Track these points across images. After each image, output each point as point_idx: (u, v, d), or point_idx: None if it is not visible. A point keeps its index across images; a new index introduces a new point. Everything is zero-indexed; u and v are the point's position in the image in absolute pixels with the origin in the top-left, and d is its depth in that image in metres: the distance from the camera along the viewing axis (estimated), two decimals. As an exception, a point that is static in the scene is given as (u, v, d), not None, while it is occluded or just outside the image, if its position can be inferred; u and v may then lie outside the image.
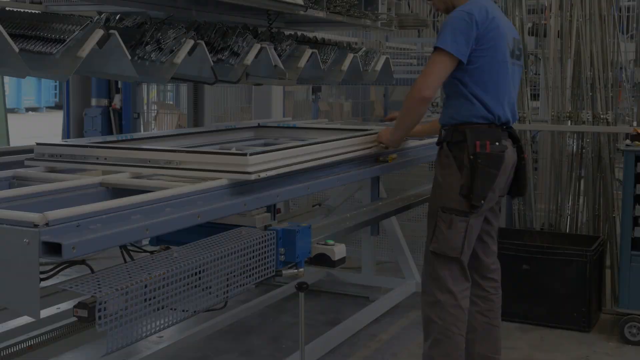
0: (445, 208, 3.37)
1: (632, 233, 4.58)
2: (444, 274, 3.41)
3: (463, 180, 3.32)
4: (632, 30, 5.47)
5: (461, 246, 3.37)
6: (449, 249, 3.38)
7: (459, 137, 3.38)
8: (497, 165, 3.36)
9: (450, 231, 3.36)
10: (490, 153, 3.33)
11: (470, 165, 3.32)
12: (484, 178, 3.31)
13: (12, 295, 1.90)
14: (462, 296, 3.43)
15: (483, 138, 3.34)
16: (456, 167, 3.37)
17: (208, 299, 2.32)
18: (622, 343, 4.59)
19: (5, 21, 2.59)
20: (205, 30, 3.53)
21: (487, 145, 3.33)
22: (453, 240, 3.37)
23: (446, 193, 3.40)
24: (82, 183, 2.63)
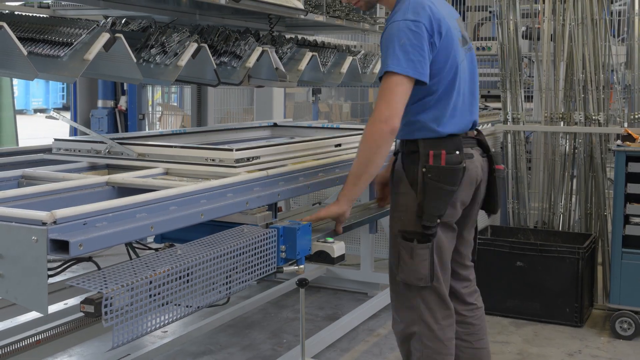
0: (404, 233, 2.88)
1: (623, 231, 4.58)
2: (417, 303, 2.92)
3: (418, 198, 2.83)
4: (623, 33, 5.47)
5: (429, 274, 2.86)
6: (416, 279, 2.87)
7: (412, 147, 2.88)
8: (453, 180, 2.83)
9: (412, 261, 2.86)
10: (443, 167, 2.82)
11: (422, 181, 2.82)
12: (437, 195, 2.82)
13: (21, 292, 1.90)
14: (440, 326, 2.94)
15: (438, 148, 2.83)
16: (409, 185, 2.87)
17: (211, 295, 2.32)
18: (613, 338, 4.59)
19: (14, 25, 2.59)
20: (208, 34, 3.53)
21: (442, 156, 2.82)
22: (419, 270, 2.86)
23: (403, 215, 2.90)
24: (89, 182, 2.63)
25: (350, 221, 3.55)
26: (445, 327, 2.96)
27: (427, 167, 2.82)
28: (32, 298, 1.90)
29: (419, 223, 2.84)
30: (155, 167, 2.99)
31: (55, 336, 3.26)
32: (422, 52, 2.75)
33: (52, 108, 23.98)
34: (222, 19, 4.08)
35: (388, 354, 4.30)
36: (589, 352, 4.37)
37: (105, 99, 7.85)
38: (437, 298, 2.93)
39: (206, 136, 4.08)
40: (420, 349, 2.94)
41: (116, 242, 2.09)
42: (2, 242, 1.91)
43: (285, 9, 3.62)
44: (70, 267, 2.67)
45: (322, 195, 5.55)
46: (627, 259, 4.59)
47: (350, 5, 4.24)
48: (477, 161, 2.96)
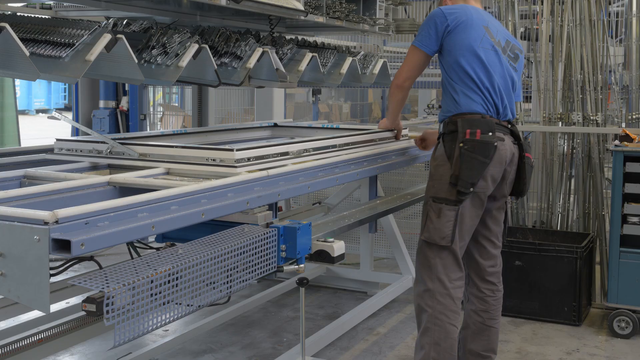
0: (435, 198, 3.31)
1: (620, 230, 4.58)
2: (435, 262, 3.33)
3: (453, 169, 3.26)
4: (620, 34, 5.47)
5: (451, 234, 3.28)
6: (439, 237, 3.29)
7: (452, 127, 3.34)
8: (485, 153, 3.26)
9: (439, 220, 3.28)
10: (478, 140, 3.26)
11: (459, 153, 3.25)
12: (471, 165, 3.23)
13: (23, 291, 1.90)
14: (453, 285, 3.34)
15: (474, 127, 3.28)
16: (446, 157, 3.31)
17: (212, 293, 2.33)
18: (611, 336, 4.59)
19: (16, 26, 2.59)
20: (209, 35, 3.53)
21: (477, 134, 3.26)
22: (442, 229, 3.28)
23: (437, 183, 3.33)
24: (91, 182, 2.63)
25: (350, 221, 3.56)
26: (457, 287, 3.36)
27: (464, 140, 3.26)
28: (34, 297, 1.90)
29: (451, 190, 3.26)
30: (157, 167, 2.99)
31: (57, 335, 3.26)
32: (437, 32, 3.42)
33: (54, 108, 24.00)
34: (223, 20, 4.08)
35: (387, 352, 4.31)
36: (587, 351, 4.37)
37: (107, 100, 7.85)
38: (453, 259, 3.34)
39: (207, 136, 4.08)
40: (433, 305, 3.32)
41: (117, 241, 2.09)
42: (4, 242, 1.91)
43: (286, 10, 3.62)
44: (72, 267, 2.67)
45: (322, 195, 5.55)
46: (625, 258, 4.59)
47: (350, 7, 4.25)
48: (507, 145, 3.38)
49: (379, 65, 4.66)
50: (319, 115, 8.45)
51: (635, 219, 4.56)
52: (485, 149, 3.26)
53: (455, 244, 3.31)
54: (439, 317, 3.31)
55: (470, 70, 3.37)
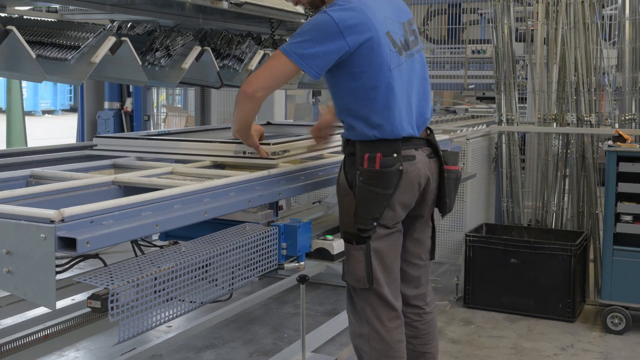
0: (345, 234, 2.83)
1: (614, 229, 4.59)
2: (362, 305, 2.86)
3: (355, 200, 2.76)
4: (614, 37, 5.47)
5: (366, 276, 2.77)
6: (355, 280, 2.81)
7: (352, 149, 2.79)
8: (386, 183, 2.71)
9: (350, 263, 2.81)
10: (375, 170, 2.71)
11: (357, 183, 2.75)
12: (368, 198, 2.73)
13: (30, 287, 1.90)
14: (386, 329, 2.85)
15: (374, 150, 2.72)
16: (348, 186, 2.79)
17: (214, 290, 2.32)
18: (605, 332, 4.60)
19: (23, 29, 2.59)
20: (211, 38, 3.54)
21: (377, 159, 2.71)
22: (356, 272, 2.79)
23: (344, 216, 2.84)
24: (96, 181, 2.63)
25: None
26: (392, 330, 2.87)
27: (361, 170, 2.74)
28: (40, 294, 1.90)
29: (354, 225, 2.78)
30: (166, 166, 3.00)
31: (63, 331, 3.26)
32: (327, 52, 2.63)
33: (60, 109, 24.01)
34: (225, 23, 4.08)
35: (386, 348, 4.30)
36: (581, 347, 4.37)
37: (112, 101, 7.85)
38: (380, 301, 2.84)
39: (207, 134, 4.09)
40: (368, 351, 2.89)
41: (122, 239, 2.08)
42: (11, 240, 1.91)
43: (286, 14, 3.62)
44: (77, 264, 2.67)
45: (322, 194, 5.55)
46: (618, 256, 4.59)
47: None
48: (420, 162, 2.81)
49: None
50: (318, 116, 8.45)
51: (628, 218, 4.57)
52: (385, 178, 2.72)
53: (377, 284, 2.80)
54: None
55: (372, 94, 2.72)
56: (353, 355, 4.17)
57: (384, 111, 2.73)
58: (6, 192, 2.30)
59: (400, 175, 2.73)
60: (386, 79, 2.71)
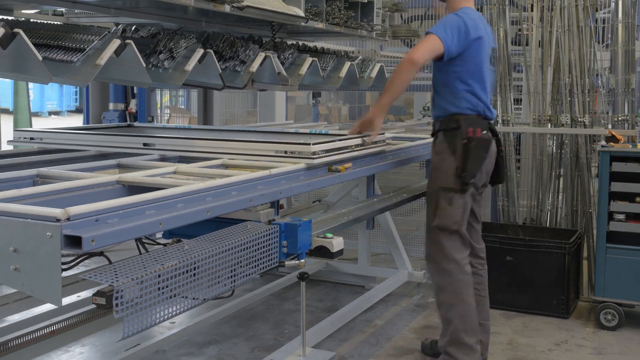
0: (444, 188, 3.54)
1: (607, 227, 4.58)
2: (448, 244, 3.57)
3: (457, 162, 3.50)
4: (607, 40, 5.47)
5: (461, 220, 3.56)
6: (452, 223, 3.55)
7: (453, 124, 3.56)
8: (486, 149, 3.59)
9: (451, 208, 3.54)
10: (480, 137, 3.53)
11: (463, 149, 3.50)
12: (474, 159, 3.51)
13: (36, 284, 1.90)
14: (465, 262, 3.61)
15: (475, 125, 3.53)
16: (450, 152, 3.54)
17: (216, 287, 2.33)
18: (598, 328, 4.59)
19: (30, 32, 2.59)
20: (214, 40, 3.53)
21: (478, 132, 3.53)
22: (455, 215, 3.55)
23: (444, 175, 3.55)
24: (101, 181, 2.63)
25: (349, 218, 3.56)
26: (467, 264, 3.64)
27: (470, 138, 3.50)
28: (46, 290, 1.90)
29: (457, 180, 3.50)
30: (170, 165, 3.00)
31: (69, 327, 3.26)
32: (459, 37, 3.49)
33: (66, 110, 24.00)
34: (227, 26, 4.08)
35: (384, 343, 4.31)
36: (575, 342, 4.37)
37: (116, 102, 7.85)
38: (462, 241, 3.60)
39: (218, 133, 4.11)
40: (452, 282, 3.57)
41: (126, 237, 2.09)
42: (18, 238, 1.92)
43: (287, 17, 3.62)
44: (82, 262, 2.67)
45: (322, 193, 5.55)
46: (611, 253, 4.59)
47: (348, 13, 4.25)
48: (494, 141, 3.67)
49: (376, 69, 4.66)
50: (318, 117, 8.45)
51: (621, 216, 4.56)
52: (485, 145, 3.59)
53: (463, 227, 3.60)
54: (460, 292, 3.57)
55: (471, 80, 3.59)
56: (353, 350, 4.19)
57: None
58: (13, 192, 2.31)
59: (490, 146, 3.62)
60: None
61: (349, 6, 4.34)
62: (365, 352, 4.15)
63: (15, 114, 10.20)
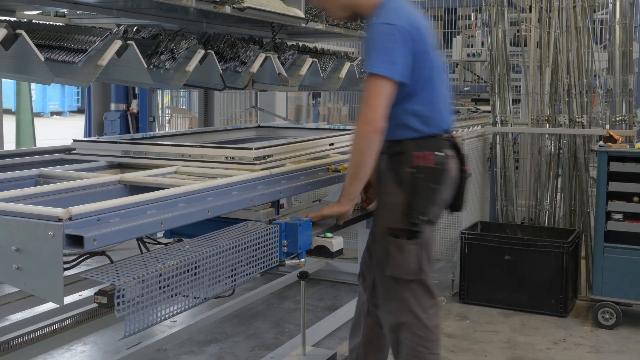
0: (392, 230, 2.84)
1: (605, 226, 4.58)
2: (406, 295, 2.89)
3: (404, 197, 2.80)
4: (605, 40, 5.47)
5: (417, 268, 2.85)
6: (406, 273, 2.86)
7: (397, 148, 2.84)
8: (439, 177, 2.82)
9: (402, 256, 2.84)
10: (432, 167, 2.80)
11: (410, 180, 2.80)
12: (424, 193, 2.79)
13: (38, 284, 1.90)
14: (427, 315, 2.91)
15: (422, 148, 2.80)
16: (395, 184, 2.84)
17: (217, 286, 2.32)
18: (596, 327, 4.59)
19: (32, 33, 2.59)
20: (215, 41, 3.53)
21: (430, 157, 2.80)
22: (408, 264, 2.84)
23: (390, 213, 2.86)
24: (102, 181, 2.63)
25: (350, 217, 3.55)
26: (432, 316, 2.93)
27: (417, 167, 2.79)
28: (48, 289, 1.90)
29: (406, 220, 2.80)
30: (167, 166, 3.00)
31: (71, 326, 3.26)
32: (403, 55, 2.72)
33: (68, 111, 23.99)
34: (228, 27, 4.08)
35: (384, 342, 4.30)
36: (573, 341, 4.37)
37: (118, 103, 7.85)
38: (424, 289, 2.91)
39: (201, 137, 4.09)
40: (410, 338, 2.91)
41: (128, 237, 2.09)
42: (20, 237, 1.92)
43: (287, 18, 3.62)
44: (84, 261, 2.67)
45: (322, 192, 5.55)
46: (609, 253, 4.59)
47: None
48: (453, 162, 2.91)
49: (375, 70, 4.65)
50: (318, 118, 8.45)
51: (619, 216, 4.56)
52: (440, 175, 2.83)
53: (424, 274, 2.89)
54: (418, 350, 2.91)
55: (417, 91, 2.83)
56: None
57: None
58: (16, 191, 2.31)
59: (446, 172, 2.85)
60: None
61: (349, 7, 4.33)
62: (365, 351, 4.15)
63: (18, 114, 10.19)
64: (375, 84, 2.72)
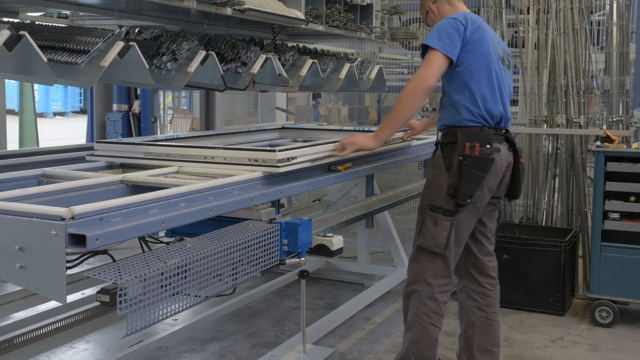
0: (432, 206, 3.20)
1: (602, 226, 4.59)
2: (427, 266, 3.25)
3: (450, 180, 3.16)
4: (602, 42, 5.47)
5: (445, 243, 3.19)
6: (434, 245, 3.20)
7: (451, 138, 3.21)
8: (483, 167, 3.15)
9: (435, 228, 3.19)
10: (477, 156, 3.14)
11: (458, 166, 3.14)
12: (469, 179, 3.13)
13: (41, 282, 1.90)
14: (439, 290, 3.25)
15: (473, 140, 3.15)
16: (445, 168, 3.19)
17: (218, 285, 2.33)
18: (593, 325, 4.60)
19: (35, 34, 2.59)
20: (216, 42, 3.53)
21: (477, 148, 3.14)
22: (438, 237, 3.19)
23: (435, 192, 3.21)
24: (104, 180, 2.63)
25: (348, 217, 3.56)
26: (443, 292, 3.27)
27: (464, 155, 3.14)
28: (51, 288, 1.90)
29: (448, 200, 3.16)
30: (171, 165, 2.99)
31: (73, 324, 3.26)
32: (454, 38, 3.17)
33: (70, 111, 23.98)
34: (229, 28, 4.08)
35: (383, 340, 4.30)
36: (571, 339, 4.37)
37: (120, 103, 7.85)
38: (444, 266, 3.25)
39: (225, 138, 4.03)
40: (418, 305, 3.26)
41: (130, 236, 2.08)
42: (23, 236, 1.91)
43: (288, 19, 3.62)
44: (87, 260, 2.67)
45: (321, 192, 5.55)
46: (606, 252, 4.59)
47: (347, 16, 4.24)
48: (503, 154, 3.28)
49: (375, 71, 4.66)
50: (319, 118, 8.44)
51: (616, 215, 4.56)
52: (483, 163, 3.16)
53: (448, 251, 3.23)
54: (422, 317, 3.25)
55: (475, 85, 3.22)
56: (352, 347, 4.18)
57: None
58: (19, 191, 2.31)
59: (492, 163, 3.19)
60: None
61: (349, 9, 4.34)
62: (365, 349, 4.15)
63: (21, 115, 10.20)
64: (430, 56, 3.17)
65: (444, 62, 3.17)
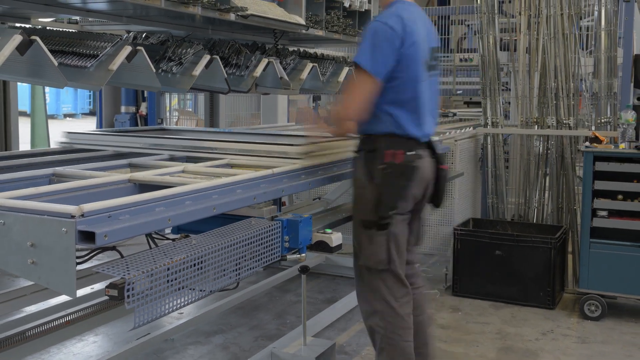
0: (363, 222, 2.94)
1: (590, 223, 4.59)
2: (378, 284, 2.96)
3: (375, 192, 2.87)
4: (590, 46, 5.47)
5: (387, 258, 2.91)
6: (376, 262, 2.93)
7: (371, 146, 2.92)
8: (409, 174, 2.88)
9: (372, 246, 2.92)
10: (399, 164, 2.86)
11: (380, 175, 2.86)
12: (393, 188, 2.86)
13: (52, 277, 1.90)
14: (399, 303, 2.96)
15: (396, 147, 2.87)
16: (366, 179, 2.91)
17: (222, 280, 2.32)
18: (582, 319, 4.60)
19: (46, 39, 2.59)
20: (220, 47, 3.53)
21: (400, 155, 2.86)
22: (377, 255, 2.92)
23: (362, 206, 2.95)
24: (113, 179, 2.63)
25: (347, 214, 3.55)
26: (403, 304, 2.99)
27: (386, 163, 2.86)
28: (62, 283, 1.89)
29: (376, 213, 2.88)
30: (178, 165, 3.00)
31: (83, 317, 3.26)
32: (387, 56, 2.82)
33: (80, 113, 23.98)
34: (232, 33, 4.08)
35: (380, 333, 4.30)
36: (560, 332, 4.37)
37: (128, 105, 7.86)
38: (395, 279, 2.96)
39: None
40: (382, 326, 2.97)
41: (137, 233, 2.08)
42: (35, 233, 1.91)
43: (289, 25, 3.61)
44: (96, 256, 2.67)
45: (322, 191, 5.55)
46: (595, 248, 4.59)
47: (346, 22, 4.24)
48: (426, 162, 2.99)
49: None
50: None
51: (604, 213, 4.56)
52: (407, 172, 2.88)
53: (393, 264, 2.94)
54: (392, 337, 2.95)
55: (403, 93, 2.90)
56: (351, 339, 4.18)
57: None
58: (31, 190, 2.30)
59: (416, 171, 2.90)
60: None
61: (348, 15, 4.33)
62: (363, 341, 4.15)
63: (33, 116, 10.19)
64: (358, 80, 2.85)
65: (373, 87, 2.83)
